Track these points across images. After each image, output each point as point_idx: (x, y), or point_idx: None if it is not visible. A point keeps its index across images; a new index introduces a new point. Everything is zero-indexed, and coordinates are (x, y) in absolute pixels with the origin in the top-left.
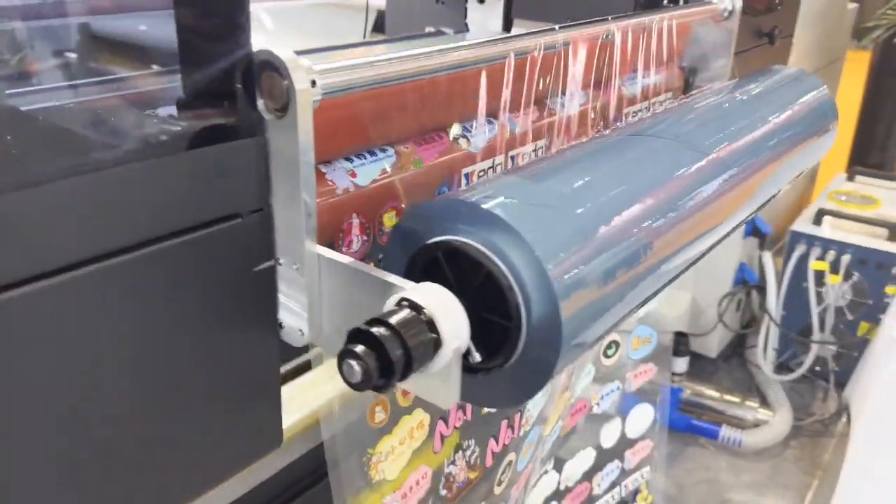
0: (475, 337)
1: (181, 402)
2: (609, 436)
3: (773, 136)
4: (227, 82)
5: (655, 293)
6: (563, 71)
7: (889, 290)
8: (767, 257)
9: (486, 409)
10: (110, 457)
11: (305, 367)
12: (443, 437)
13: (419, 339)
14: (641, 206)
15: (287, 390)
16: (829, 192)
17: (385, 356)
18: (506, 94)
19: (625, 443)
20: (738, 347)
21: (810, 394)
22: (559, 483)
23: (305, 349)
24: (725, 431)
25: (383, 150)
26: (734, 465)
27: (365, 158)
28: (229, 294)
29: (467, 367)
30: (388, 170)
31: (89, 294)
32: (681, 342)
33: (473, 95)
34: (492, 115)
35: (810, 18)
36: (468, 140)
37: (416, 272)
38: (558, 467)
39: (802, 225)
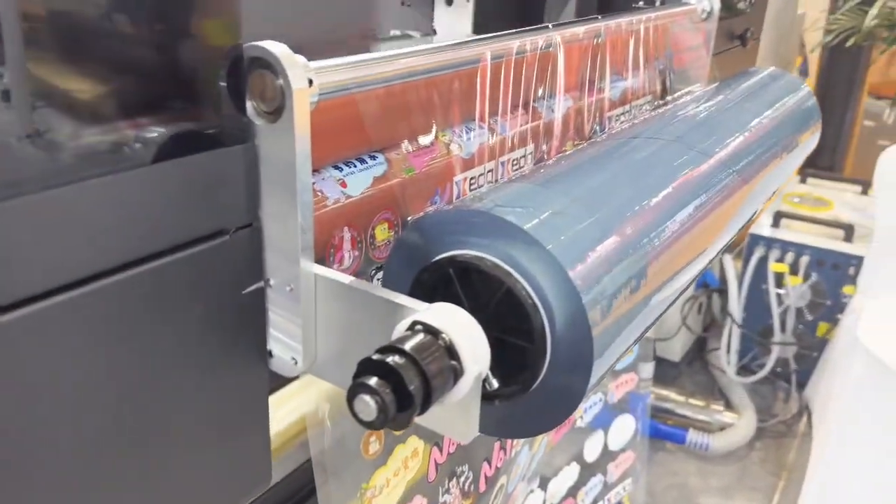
0: (491, 361)
1: (158, 442)
2: (592, 449)
3: (772, 136)
4: (211, 82)
5: (677, 299)
6: (552, 72)
7: (846, 290)
8: (728, 260)
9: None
10: (82, 500)
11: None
12: (437, 465)
13: (439, 367)
14: (659, 209)
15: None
16: (784, 194)
17: (402, 388)
18: (499, 96)
19: (607, 456)
20: (699, 351)
21: (772, 395)
22: (544, 501)
23: None
24: (692, 436)
25: (373, 158)
26: (702, 469)
27: (355, 166)
28: (214, 321)
29: (483, 395)
30: (379, 177)
31: (52, 328)
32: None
33: (465, 97)
34: (480, 118)
35: (767, 23)
36: (460, 146)
37: (422, 291)
38: (543, 485)
39: (761, 227)
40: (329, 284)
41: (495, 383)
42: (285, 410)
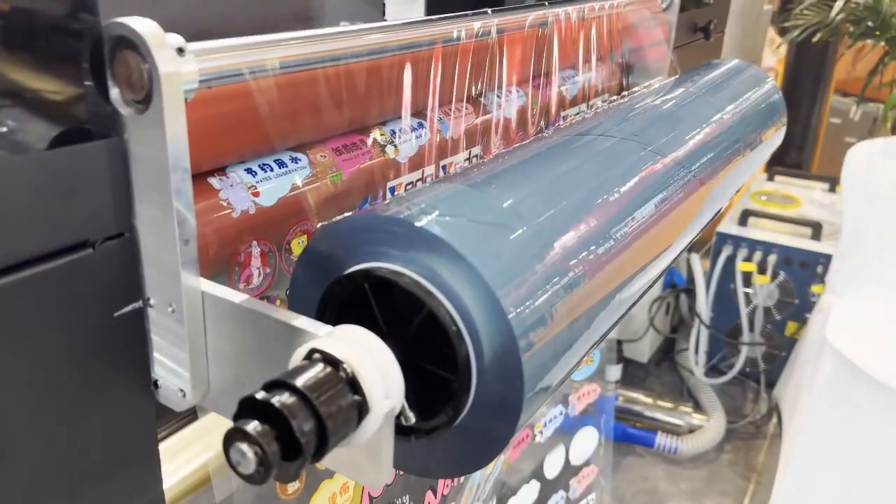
0: (408, 391)
1: (25, 487)
2: (553, 465)
3: (735, 132)
4: (70, 66)
5: (624, 315)
6: (498, 64)
7: (815, 289)
8: (695, 259)
9: None
10: None
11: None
12: (372, 499)
13: (337, 405)
14: (605, 216)
15: (167, 445)
16: (752, 192)
17: (289, 433)
18: (437, 89)
19: (569, 471)
20: (668, 352)
21: (741, 395)
22: None
23: None
24: (661, 439)
25: (295, 160)
26: (671, 472)
27: (270, 171)
28: (82, 347)
29: (399, 429)
30: (300, 184)
31: None
32: (613, 349)
33: (397, 90)
34: (419, 115)
35: (732, 16)
36: (396, 147)
37: (332, 310)
38: None
39: (728, 226)
40: (218, 304)
41: (412, 417)
42: (185, 458)
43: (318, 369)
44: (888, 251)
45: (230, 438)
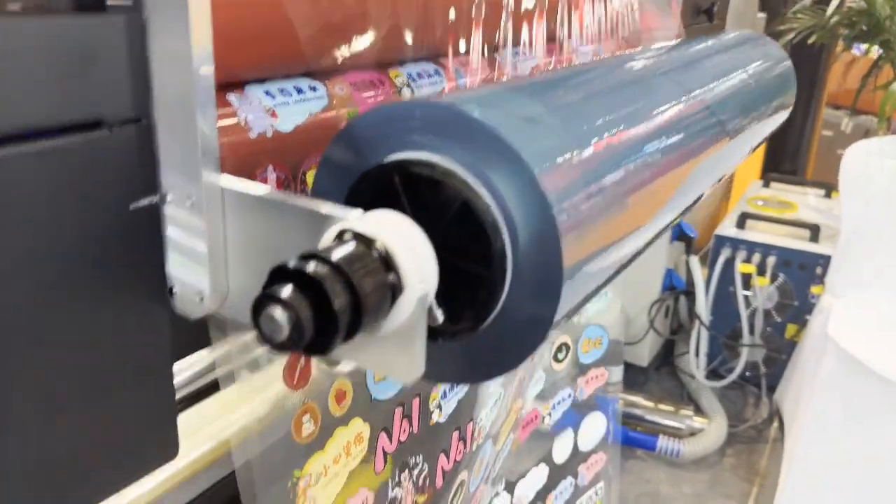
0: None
1: (27, 401)
2: (561, 450)
3: (756, 93)
4: None
5: (657, 236)
6: (516, 24)
7: (814, 290)
8: (694, 262)
9: (435, 419)
10: None
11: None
12: (386, 454)
13: (372, 281)
14: (645, 126)
15: (188, 416)
16: (748, 198)
17: (325, 302)
18: (456, 37)
19: (578, 457)
20: (667, 356)
21: (742, 399)
22: None
23: (211, 367)
24: (663, 442)
25: (312, 88)
26: (674, 476)
27: (289, 95)
28: (93, 242)
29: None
30: (317, 114)
31: None
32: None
33: (422, 27)
34: (436, 61)
35: (729, 19)
36: (412, 91)
37: (359, 207)
38: (510, 489)
39: (726, 229)
40: (239, 198)
41: (440, 316)
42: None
43: (351, 246)
44: (887, 251)
45: (261, 304)
